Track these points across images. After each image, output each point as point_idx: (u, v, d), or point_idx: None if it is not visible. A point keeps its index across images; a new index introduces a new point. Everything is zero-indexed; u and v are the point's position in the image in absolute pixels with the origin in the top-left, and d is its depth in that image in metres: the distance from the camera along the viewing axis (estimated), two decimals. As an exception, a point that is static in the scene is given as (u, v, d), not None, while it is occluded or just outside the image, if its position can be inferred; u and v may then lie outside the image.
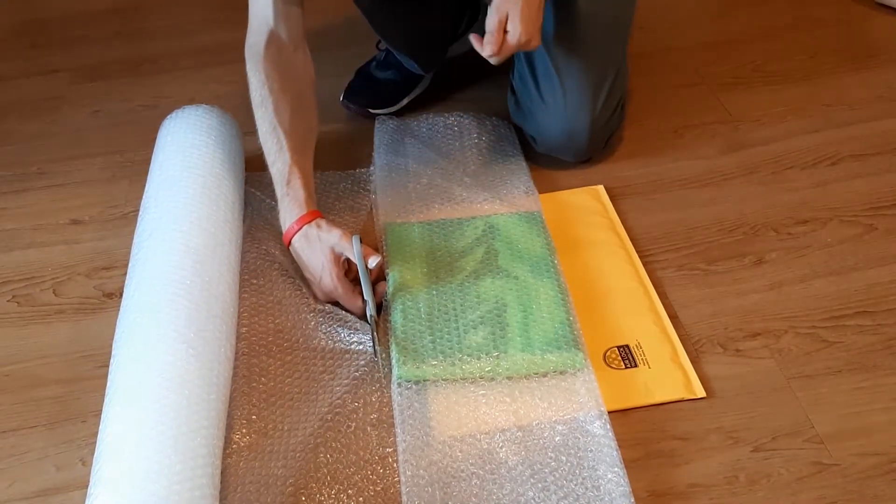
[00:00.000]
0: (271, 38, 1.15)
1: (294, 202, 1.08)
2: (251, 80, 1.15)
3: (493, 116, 1.38)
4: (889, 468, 0.90)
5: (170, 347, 0.91)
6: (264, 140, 1.12)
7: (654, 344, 1.03)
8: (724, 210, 1.22)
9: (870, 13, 1.64)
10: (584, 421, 0.94)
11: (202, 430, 0.86)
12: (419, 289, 1.08)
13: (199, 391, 0.89)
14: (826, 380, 0.99)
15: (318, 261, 1.06)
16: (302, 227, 1.07)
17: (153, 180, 1.15)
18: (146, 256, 1.02)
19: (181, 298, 0.96)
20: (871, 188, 1.24)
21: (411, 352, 0.99)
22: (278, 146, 1.10)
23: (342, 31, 1.63)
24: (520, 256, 1.11)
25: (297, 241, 1.07)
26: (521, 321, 1.03)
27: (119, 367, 0.92)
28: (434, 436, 0.93)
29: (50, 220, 1.29)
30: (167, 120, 1.25)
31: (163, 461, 0.81)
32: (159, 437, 0.83)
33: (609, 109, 1.26)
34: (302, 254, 1.08)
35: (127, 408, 0.86)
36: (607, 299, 1.09)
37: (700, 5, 1.71)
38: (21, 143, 1.46)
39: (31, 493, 0.93)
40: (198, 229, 1.05)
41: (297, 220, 1.07)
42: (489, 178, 1.27)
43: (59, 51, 1.70)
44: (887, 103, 1.41)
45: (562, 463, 0.90)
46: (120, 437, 0.84)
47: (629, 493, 0.86)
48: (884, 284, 1.10)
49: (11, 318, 1.14)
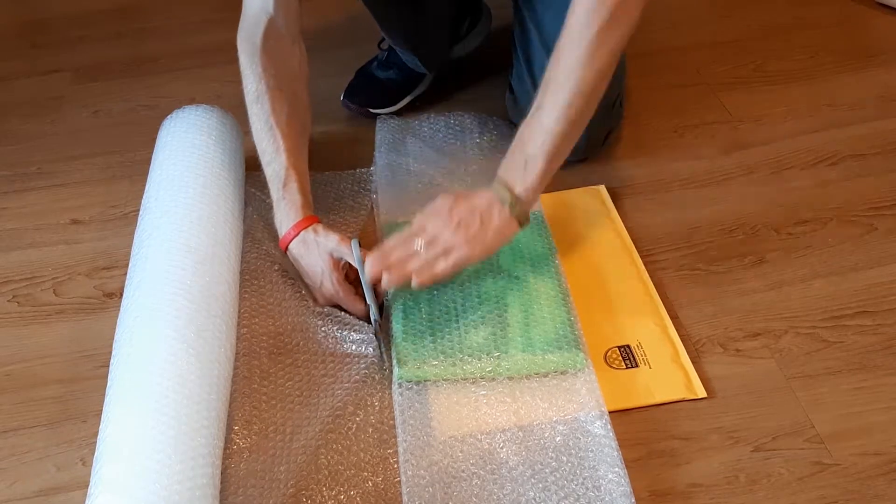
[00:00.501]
0: (269, 29, 1.12)
1: (291, 206, 1.06)
2: (246, 72, 1.12)
3: (494, 116, 1.38)
4: (889, 468, 0.90)
5: (170, 347, 0.91)
6: (259, 138, 1.10)
7: (655, 344, 1.03)
8: (725, 210, 1.22)
9: (870, 13, 1.64)
10: (584, 421, 0.94)
11: (202, 430, 0.86)
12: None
13: (199, 391, 0.89)
14: (826, 380, 0.99)
15: (317, 266, 1.05)
16: (299, 233, 1.05)
17: (153, 180, 1.15)
18: (146, 256, 1.02)
19: (181, 298, 0.96)
20: (871, 188, 1.24)
21: (412, 352, 0.99)
22: (274, 146, 1.08)
23: (342, 31, 1.63)
24: (521, 256, 1.11)
25: (294, 247, 1.06)
26: (522, 321, 1.03)
27: (119, 366, 0.92)
28: (435, 436, 0.93)
29: (50, 219, 1.29)
30: (167, 120, 1.24)
31: (163, 461, 0.81)
32: (159, 436, 0.83)
33: (605, 107, 1.26)
34: (301, 259, 1.07)
35: (127, 408, 0.86)
36: (608, 299, 1.09)
37: (700, 5, 1.71)
38: (21, 143, 1.46)
39: (31, 493, 0.93)
40: (198, 229, 1.05)
41: (294, 225, 1.06)
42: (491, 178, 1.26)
43: (59, 51, 1.70)
44: (887, 103, 1.41)
45: (563, 463, 0.90)
46: (120, 438, 0.84)
47: (630, 493, 0.86)
48: (884, 284, 1.10)
49: (12, 317, 1.14)
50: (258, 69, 1.10)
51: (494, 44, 1.52)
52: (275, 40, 1.12)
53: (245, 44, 1.13)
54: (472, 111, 1.41)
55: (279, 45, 1.13)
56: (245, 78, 1.12)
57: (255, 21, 1.12)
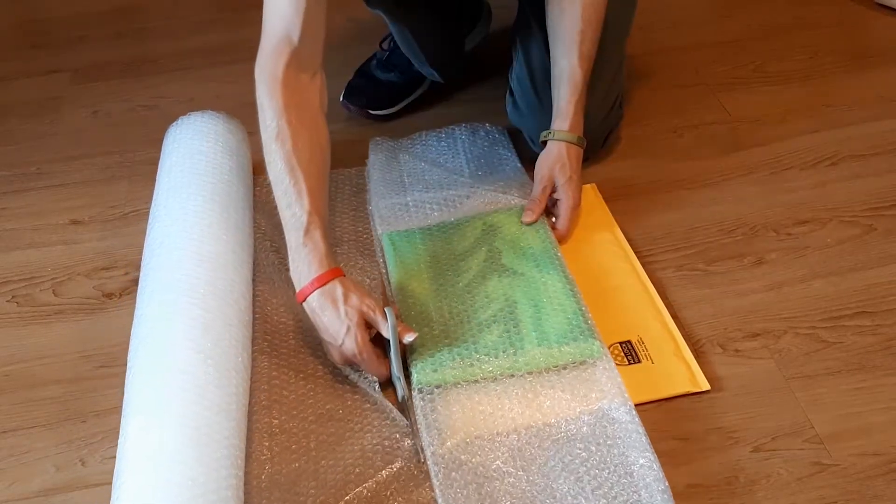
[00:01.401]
0: (292, 60, 1.04)
1: (313, 256, 0.98)
2: (264, 105, 1.04)
3: (486, 123, 1.37)
4: (888, 468, 0.90)
5: (187, 357, 0.90)
6: (278, 178, 1.01)
7: (656, 339, 1.03)
8: (724, 210, 1.22)
9: (870, 13, 1.64)
10: (609, 409, 0.94)
11: (224, 440, 0.85)
12: (428, 294, 1.07)
13: (219, 401, 0.88)
14: (825, 380, 0.99)
15: (340, 324, 0.96)
16: (323, 286, 0.97)
17: (161, 187, 1.14)
18: (158, 265, 1.01)
19: (196, 308, 0.95)
20: (871, 188, 1.24)
21: (428, 357, 0.99)
22: (296, 189, 1.00)
23: (342, 31, 1.63)
24: (522, 253, 1.11)
25: (315, 301, 0.97)
26: (533, 316, 1.03)
27: (136, 379, 0.91)
28: (460, 437, 0.92)
29: (50, 220, 1.29)
30: (173, 127, 1.23)
31: (185, 472, 0.80)
32: (182, 448, 0.82)
33: (605, 108, 1.26)
34: (323, 314, 0.97)
35: (147, 420, 0.85)
36: (606, 296, 1.09)
37: (700, 5, 1.71)
38: (21, 143, 1.46)
39: (30, 493, 0.93)
40: (209, 237, 1.04)
41: (317, 278, 0.97)
42: (485, 180, 1.26)
43: (59, 51, 1.70)
44: (887, 103, 1.41)
45: (592, 453, 0.90)
46: (141, 451, 0.83)
47: (662, 477, 0.86)
48: (883, 285, 1.10)
49: (11, 318, 1.14)
50: (278, 104, 1.03)
51: (494, 44, 1.52)
52: (297, 72, 1.05)
53: (265, 75, 1.05)
54: (471, 111, 1.41)
55: (301, 78, 1.05)
56: (263, 111, 1.04)
57: (276, 51, 1.04)
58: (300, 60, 1.05)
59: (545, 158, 1.18)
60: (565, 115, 1.17)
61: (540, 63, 1.25)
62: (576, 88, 1.16)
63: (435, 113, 1.44)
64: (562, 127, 1.17)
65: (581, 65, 1.15)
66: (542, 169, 1.18)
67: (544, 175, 1.17)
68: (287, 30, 1.04)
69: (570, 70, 1.16)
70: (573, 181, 1.16)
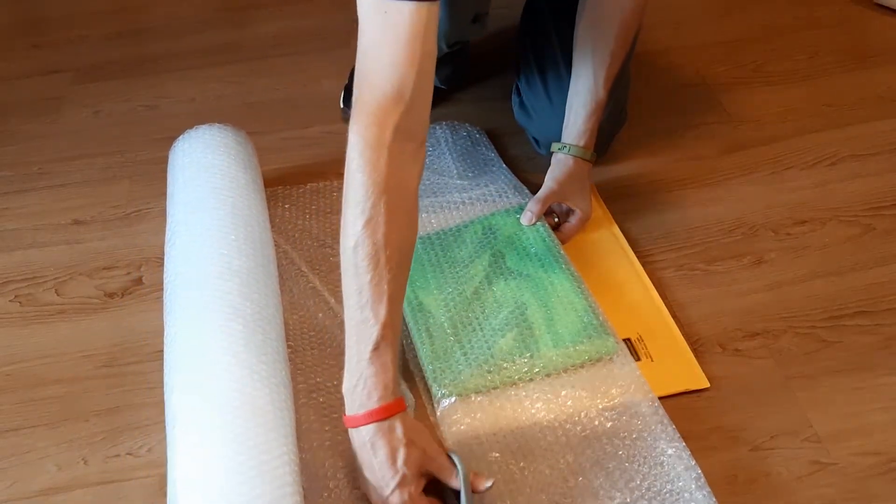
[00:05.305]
0: (402, 123, 0.85)
1: (377, 380, 0.84)
2: (357, 178, 0.85)
3: (486, 123, 1.38)
4: (888, 468, 0.90)
5: (232, 374, 0.87)
6: (357, 270, 0.85)
7: (656, 337, 1.03)
8: (724, 210, 1.22)
9: (870, 13, 1.64)
10: (630, 404, 0.94)
11: (283, 456, 0.82)
12: (437, 305, 1.06)
13: (273, 418, 0.85)
14: (825, 379, 0.99)
15: (393, 472, 0.83)
16: (382, 420, 0.84)
17: (177, 202, 1.11)
18: (188, 283, 0.98)
19: (234, 323, 0.92)
20: (871, 188, 1.24)
21: (445, 368, 0.99)
22: (376, 292, 0.85)
23: (342, 31, 1.63)
24: (526, 254, 1.11)
25: (368, 435, 0.84)
26: (545, 317, 1.03)
27: (180, 399, 0.87)
28: (488, 446, 0.92)
29: (51, 220, 1.29)
30: (179, 141, 1.21)
31: (247, 493, 0.77)
32: (240, 468, 0.79)
33: (612, 112, 1.26)
34: (375, 454, 0.84)
35: (199, 440, 0.82)
36: (605, 294, 1.09)
37: (700, 5, 1.71)
38: (22, 143, 1.46)
39: (32, 493, 0.94)
40: (237, 252, 1.01)
41: (379, 409, 0.84)
42: (476, 182, 1.26)
43: (59, 51, 1.70)
44: (887, 103, 1.41)
45: (619, 448, 0.91)
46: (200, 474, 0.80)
47: (694, 464, 0.87)
48: (883, 284, 1.10)
49: (13, 317, 1.14)
50: (378, 181, 0.84)
51: (495, 44, 1.53)
52: (404, 141, 0.86)
53: (369, 137, 0.85)
54: (471, 111, 1.41)
55: (407, 150, 0.87)
56: (354, 182, 0.85)
57: (382, 108, 0.84)
58: (409, 125, 0.86)
59: (561, 169, 1.18)
60: (582, 133, 1.17)
61: (553, 66, 1.24)
62: (597, 107, 1.16)
63: (435, 113, 1.41)
64: (578, 143, 1.17)
65: (605, 85, 1.15)
66: (557, 179, 1.17)
67: (557, 185, 1.17)
68: (400, 83, 0.83)
69: (595, 90, 1.15)
70: (586, 196, 1.18)
